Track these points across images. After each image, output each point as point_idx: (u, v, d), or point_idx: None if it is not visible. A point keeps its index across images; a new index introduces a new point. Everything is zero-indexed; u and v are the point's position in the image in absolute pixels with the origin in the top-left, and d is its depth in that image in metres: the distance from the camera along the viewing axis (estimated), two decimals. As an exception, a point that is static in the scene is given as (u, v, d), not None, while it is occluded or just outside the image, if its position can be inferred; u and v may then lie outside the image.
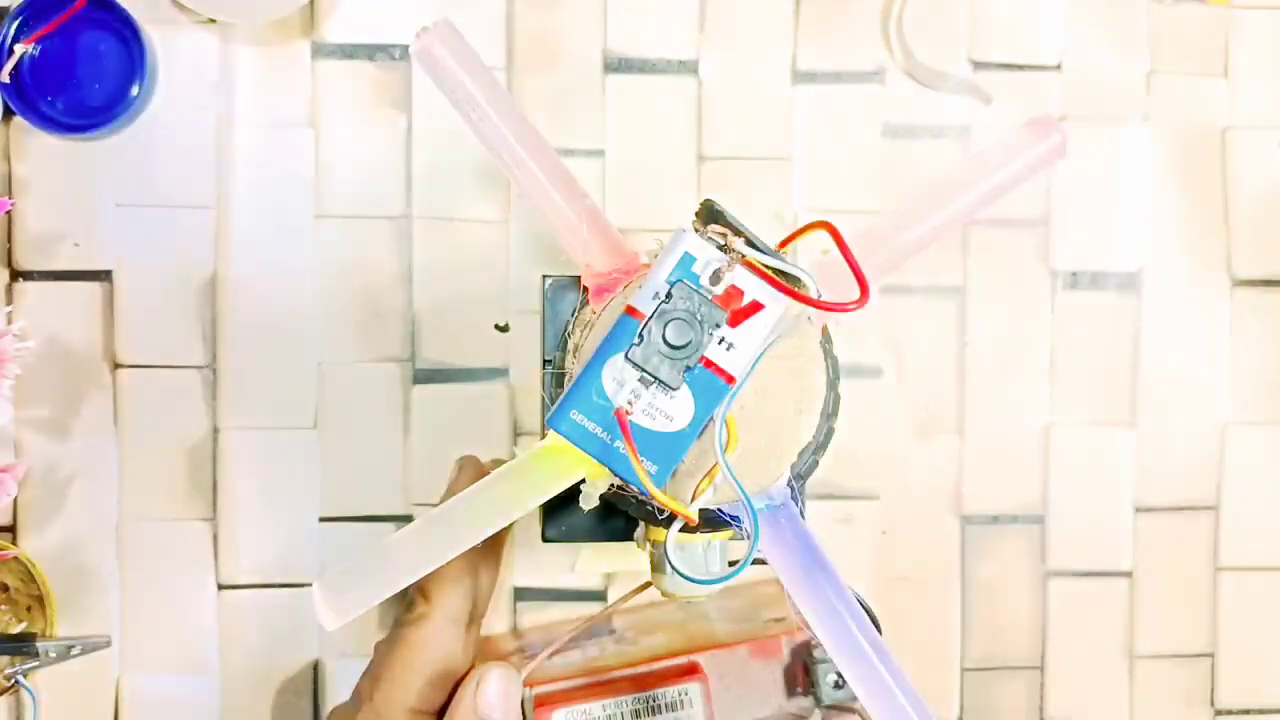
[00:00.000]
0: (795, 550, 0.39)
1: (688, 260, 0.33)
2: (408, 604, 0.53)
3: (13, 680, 0.56)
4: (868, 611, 0.41)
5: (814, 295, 0.33)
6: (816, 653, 0.54)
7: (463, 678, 0.50)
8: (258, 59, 0.59)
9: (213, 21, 0.58)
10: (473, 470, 0.56)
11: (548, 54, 0.60)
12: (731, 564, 0.41)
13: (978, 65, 0.62)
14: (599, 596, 0.62)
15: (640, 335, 0.34)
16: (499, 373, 0.60)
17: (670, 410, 0.34)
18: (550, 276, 0.44)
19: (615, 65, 0.60)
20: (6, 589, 0.58)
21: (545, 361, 0.42)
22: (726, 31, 0.61)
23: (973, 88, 0.61)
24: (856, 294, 0.32)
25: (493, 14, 0.60)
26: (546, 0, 0.60)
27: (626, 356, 0.34)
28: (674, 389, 0.34)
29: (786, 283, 0.33)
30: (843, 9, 0.61)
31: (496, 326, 0.60)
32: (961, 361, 0.62)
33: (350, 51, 0.59)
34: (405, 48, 0.60)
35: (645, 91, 0.60)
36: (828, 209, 0.61)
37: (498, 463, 0.59)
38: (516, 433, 0.61)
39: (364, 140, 0.60)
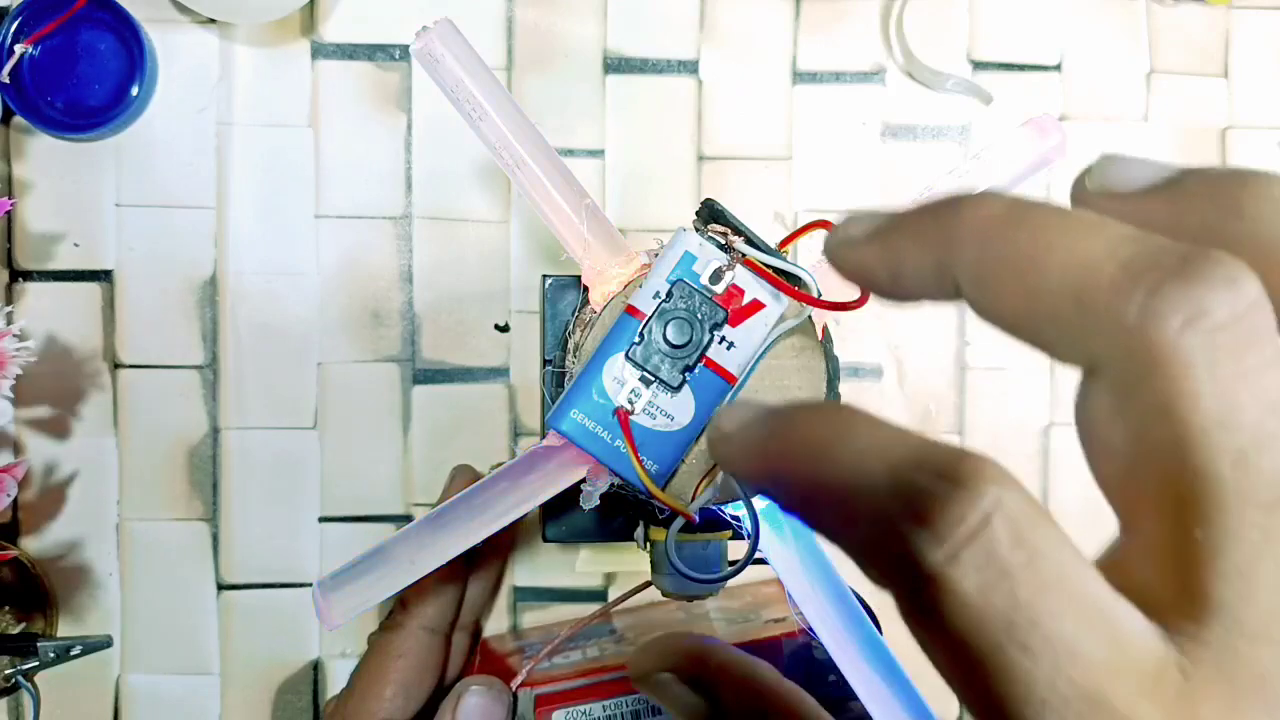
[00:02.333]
0: (795, 550, 0.39)
1: (688, 259, 0.33)
2: (388, 612, 0.53)
3: (13, 680, 0.56)
4: (868, 611, 0.41)
5: (814, 294, 0.33)
6: (816, 653, 0.54)
7: (449, 688, 0.50)
8: (258, 59, 0.59)
9: (213, 21, 0.58)
10: (466, 479, 0.56)
11: (548, 54, 0.60)
12: (731, 564, 0.41)
13: (978, 65, 0.62)
14: (599, 596, 0.62)
15: (641, 334, 0.34)
16: (499, 373, 0.60)
17: (671, 409, 0.34)
18: (550, 276, 0.44)
19: (615, 65, 0.60)
20: (7, 589, 0.58)
21: (545, 361, 0.42)
22: (726, 31, 0.61)
23: (973, 88, 0.61)
24: (856, 293, 0.32)
25: (493, 14, 0.60)
26: (546, 0, 0.60)
27: (627, 356, 0.34)
28: (675, 388, 0.34)
29: (787, 282, 0.33)
30: (843, 9, 0.61)
31: (496, 326, 0.60)
32: (961, 361, 0.62)
33: (350, 51, 0.59)
34: (405, 48, 0.60)
35: (645, 91, 0.60)
36: (828, 209, 0.61)
37: (499, 466, 0.59)
38: (516, 433, 0.61)
39: (364, 140, 0.60)
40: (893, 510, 0.18)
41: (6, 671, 0.56)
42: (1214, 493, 0.17)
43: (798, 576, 0.39)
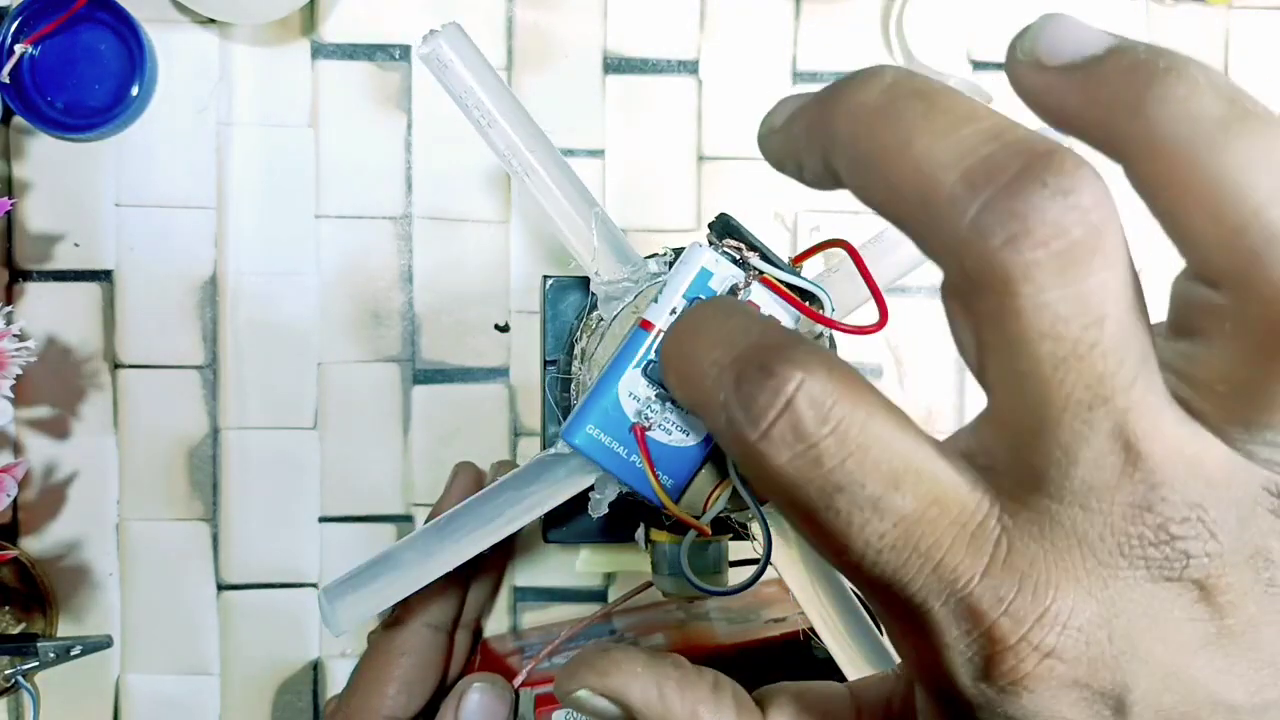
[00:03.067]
0: (798, 552, 0.39)
1: (704, 276, 0.33)
2: (391, 610, 0.53)
3: (13, 680, 0.56)
4: (868, 611, 0.41)
5: (830, 313, 0.33)
6: (816, 653, 0.54)
7: (451, 686, 0.50)
8: (258, 59, 0.59)
9: (213, 21, 0.58)
10: (468, 476, 0.56)
11: (548, 54, 0.60)
12: (733, 564, 0.41)
13: (978, 65, 0.62)
14: (599, 596, 0.62)
15: (656, 350, 0.34)
16: (499, 373, 0.60)
17: (686, 424, 0.34)
18: (550, 276, 0.44)
19: (615, 65, 0.60)
20: (6, 589, 0.58)
21: (547, 362, 0.42)
22: (726, 31, 0.61)
23: (973, 88, 0.61)
24: (868, 305, 0.32)
25: (493, 14, 0.60)
26: (546, 0, 0.60)
27: (644, 372, 0.33)
28: None
29: (802, 299, 0.33)
30: (843, 9, 0.61)
31: (496, 326, 0.60)
32: (962, 362, 0.62)
33: (350, 51, 0.59)
34: (405, 48, 0.59)
35: (645, 91, 0.60)
36: (828, 209, 0.61)
37: (501, 463, 0.59)
38: (516, 433, 0.61)
39: (364, 140, 0.59)
40: (727, 399, 0.20)
41: (6, 671, 0.56)
42: (1038, 391, 0.18)
43: (799, 577, 0.39)
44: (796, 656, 0.56)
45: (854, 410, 0.19)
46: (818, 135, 0.21)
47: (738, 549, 0.41)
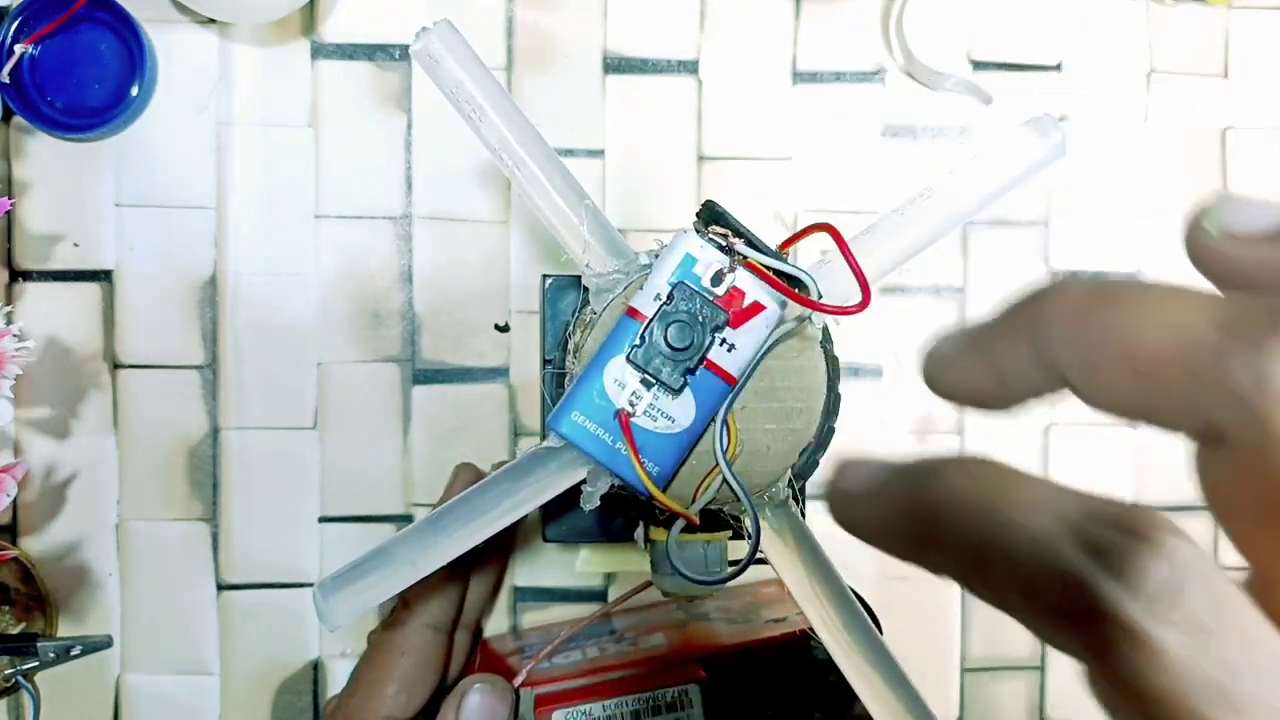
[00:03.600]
0: (796, 550, 0.39)
1: (689, 261, 0.33)
2: (390, 609, 0.53)
3: (13, 680, 0.56)
4: (868, 611, 0.41)
5: (815, 297, 0.33)
6: (816, 653, 0.54)
7: (451, 686, 0.50)
8: (258, 59, 0.59)
9: (213, 21, 0.58)
10: (469, 477, 0.56)
11: (548, 54, 0.60)
12: (732, 564, 0.41)
13: (978, 65, 0.62)
14: (599, 596, 0.62)
15: (641, 337, 0.34)
16: (499, 373, 0.60)
17: (672, 411, 0.34)
18: (550, 276, 0.44)
19: (615, 65, 0.60)
20: (6, 589, 0.58)
21: (545, 361, 0.42)
22: (726, 31, 0.61)
23: (973, 88, 0.61)
24: (857, 295, 0.32)
25: (493, 14, 0.60)
26: (546, 0, 0.60)
27: (628, 358, 0.33)
28: (676, 390, 0.34)
29: (788, 284, 0.33)
30: (843, 9, 0.61)
31: (496, 326, 0.60)
32: (961, 361, 0.61)
33: (350, 51, 0.59)
34: (405, 48, 0.60)
35: (645, 91, 0.60)
36: (828, 209, 0.61)
37: (502, 464, 0.59)
38: (516, 433, 0.61)
39: (364, 140, 0.60)
40: (1079, 565, 0.17)
41: (6, 671, 0.56)
42: None
43: (798, 576, 0.39)
44: (796, 657, 0.56)
45: (1229, 590, 0.17)
46: (1028, 337, 0.21)
47: (737, 549, 0.41)
